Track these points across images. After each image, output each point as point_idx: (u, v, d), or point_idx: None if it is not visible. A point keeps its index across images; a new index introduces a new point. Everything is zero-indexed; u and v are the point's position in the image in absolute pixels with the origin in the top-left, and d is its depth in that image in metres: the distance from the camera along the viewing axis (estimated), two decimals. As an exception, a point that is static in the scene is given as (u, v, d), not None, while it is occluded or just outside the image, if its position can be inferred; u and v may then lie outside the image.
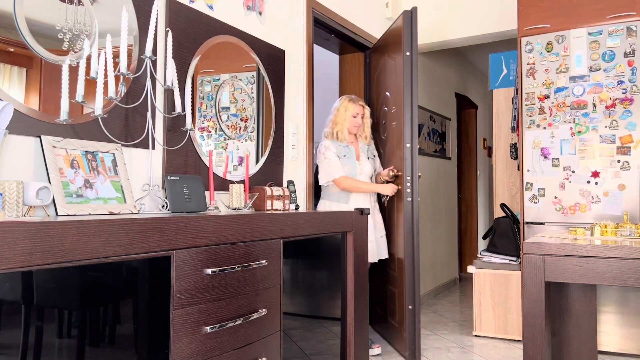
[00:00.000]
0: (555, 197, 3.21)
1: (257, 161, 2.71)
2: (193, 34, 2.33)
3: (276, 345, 1.93)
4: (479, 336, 3.66)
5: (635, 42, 3.03)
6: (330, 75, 4.49)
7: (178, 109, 2.03)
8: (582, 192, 3.14)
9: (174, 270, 1.49)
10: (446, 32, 4.28)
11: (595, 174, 3.11)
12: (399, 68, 3.28)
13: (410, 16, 3.20)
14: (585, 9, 3.18)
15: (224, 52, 2.52)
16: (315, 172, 3.35)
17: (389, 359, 3.18)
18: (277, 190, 2.53)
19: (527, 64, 3.33)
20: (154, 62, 2.12)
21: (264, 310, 1.84)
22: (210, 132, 2.43)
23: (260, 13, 2.83)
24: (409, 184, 3.18)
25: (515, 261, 3.57)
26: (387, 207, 3.48)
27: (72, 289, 1.28)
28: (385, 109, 3.55)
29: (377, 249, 3.23)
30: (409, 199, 3.17)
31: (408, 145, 3.18)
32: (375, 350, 3.26)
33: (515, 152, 4.05)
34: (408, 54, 3.19)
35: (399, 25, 3.31)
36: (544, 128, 3.27)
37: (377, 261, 3.27)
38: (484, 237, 4.01)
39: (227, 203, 2.29)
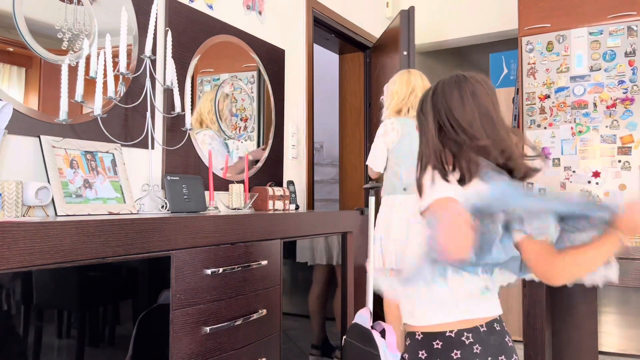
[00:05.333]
0: (556, 197, 3.21)
1: (257, 161, 2.71)
2: (193, 33, 2.33)
3: (276, 346, 1.92)
4: (479, 336, 3.66)
5: (636, 41, 3.03)
6: (330, 75, 4.49)
7: (177, 108, 2.03)
8: (582, 192, 3.13)
9: (173, 270, 1.49)
10: (446, 31, 4.27)
11: (596, 174, 3.10)
12: (396, 68, 3.27)
13: (408, 15, 3.20)
14: (586, 8, 3.17)
15: (223, 51, 2.51)
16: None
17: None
18: (277, 190, 2.53)
19: (528, 64, 3.33)
20: (153, 62, 2.12)
21: (263, 310, 1.83)
22: (210, 132, 2.43)
23: (260, 13, 2.83)
24: None
25: (516, 261, 3.56)
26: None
27: (71, 289, 1.28)
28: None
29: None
30: None
31: None
32: None
33: (515, 152, 4.04)
34: (405, 53, 3.18)
35: (397, 24, 3.30)
36: (545, 128, 3.26)
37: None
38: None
39: (227, 203, 2.29)
